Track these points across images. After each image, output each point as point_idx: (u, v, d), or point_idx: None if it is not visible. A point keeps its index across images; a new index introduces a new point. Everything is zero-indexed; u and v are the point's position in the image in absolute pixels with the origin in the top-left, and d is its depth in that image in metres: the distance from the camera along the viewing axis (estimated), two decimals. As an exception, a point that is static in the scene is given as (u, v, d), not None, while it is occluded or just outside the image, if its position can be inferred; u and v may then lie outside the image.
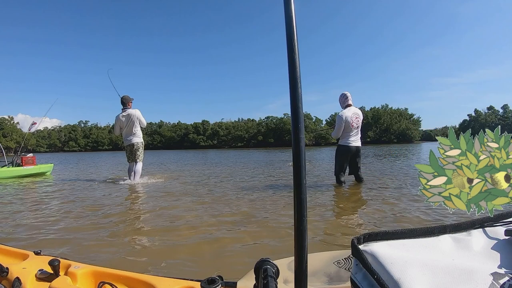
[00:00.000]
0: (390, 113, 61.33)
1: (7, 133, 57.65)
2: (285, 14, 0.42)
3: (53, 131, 69.45)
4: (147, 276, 0.71)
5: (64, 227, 2.36)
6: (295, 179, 0.41)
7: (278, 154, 17.78)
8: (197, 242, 1.91)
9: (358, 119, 4.15)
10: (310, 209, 2.71)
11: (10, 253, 0.92)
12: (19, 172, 6.92)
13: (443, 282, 0.35)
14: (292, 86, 0.42)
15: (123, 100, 5.37)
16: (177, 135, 69.03)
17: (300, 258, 0.42)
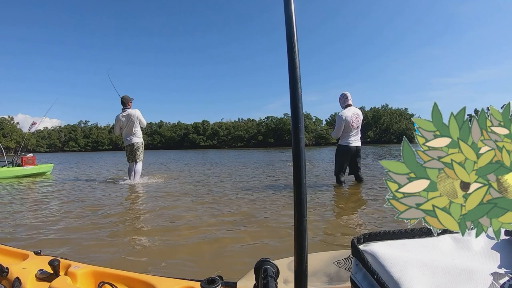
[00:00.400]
0: (390, 113, 61.36)
1: (7, 133, 57.66)
2: (285, 14, 0.42)
3: (53, 131, 69.49)
4: (147, 276, 0.71)
5: (64, 227, 2.36)
6: (295, 179, 0.41)
7: (278, 154, 17.78)
8: (197, 242, 1.91)
9: (358, 119, 4.15)
10: (310, 209, 2.71)
11: (10, 253, 0.92)
12: (19, 172, 6.91)
13: (443, 282, 0.35)
14: (292, 86, 0.42)
15: (123, 100, 5.37)
16: (177, 135, 69.05)
17: (300, 258, 0.42)
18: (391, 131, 59.48)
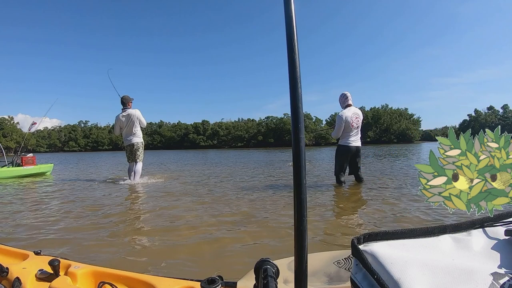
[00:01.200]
0: (390, 113, 61.35)
1: (7, 133, 57.67)
2: (285, 14, 0.42)
3: (53, 131, 69.48)
4: (147, 276, 0.71)
5: (64, 227, 2.36)
6: (295, 179, 0.41)
7: (278, 154, 17.78)
8: (197, 242, 1.91)
9: (358, 119, 4.15)
10: (310, 209, 2.71)
11: (10, 253, 0.92)
12: (19, 172, 6.92)
13: (443, 282, 0.35)
14: (292, 86, 0.42)
15: (123, 100, 5.37)
16: (177, 135, 69.06)
17: (300, 258, 0.42)
18: (391, 131, 59.48)
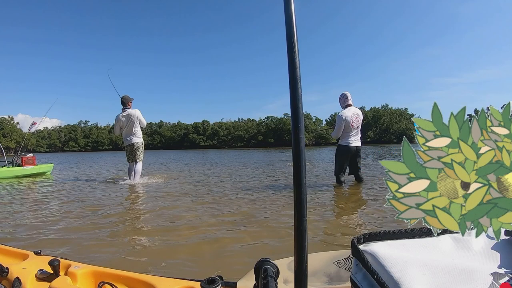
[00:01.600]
0: (390, 113, 61.37)
1: (7, 133, 57.67)
2: (285, 14, 0.42)
3: (53, 131, 69.50)
4: (147, 276, 0.71)
5: (64, 227, 2.36)
6: (295, 179, 0.41)
7: (278, 154, 17.78)
8: (197, 242, 1.91)
9: (358, 119, 4.15)
10: (310, 209, 2.71)
11: (10, 253, 0.92)
12: (19, 172, 6.91)
13: (443, 282, 0.35)
14: (292, 86, 0.42)
15: (123, 100, 5.37)
16: (177, 135, 69.06)
17: (300, 258, 0.42)
18: (391, 131, 59.49)
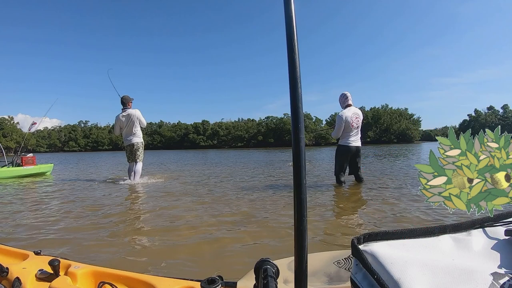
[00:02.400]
0: (390, 113, 61.35)
1: (7, 133, 57.68)
2: (285, 14, 0.42)
3: (53, 131, 69.49)
4: (147, 276, 0.71)
5: (64, 227, 2.36)
6: (295, 179, 0.41)
7: (278, 154, 17.78)
8: (197, 242, 1.91)
9: (358, 119, 4.15)
10: (310, 209, 2.71)
11: (10, 253, 0.92)
12: (19, 172, 6.92)
13: (443, 282, 0.35)
14: (292, 86, 0.42)
15: (123, 100, 5.38)
16: (177, 135, 69.07)
17: (300, 258, 0.42)
18: (391, 131, 59.48)
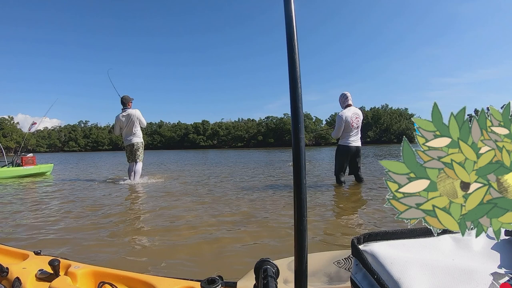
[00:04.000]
0: (390, 113, 61.38)
1: (7, 133, 57.68)
2: (285, 14, 0.42)
3: (53, 131, 69.49)
4: (147, 276, 0.71)
5: (64, 227, 2.36)
6: (295, 179, 0.41)
7: (278, 154, 17.78)
8: (197, 242, 1.91)
9: (358, 119, 4.15)
10: (310, 209, 2.71)
11: (10, 253, 0.92)
12: (19, 172, 6.91)
13: (443, 282, 0.35)
14: (292, 86, 0.42)
15: (123, 100, 5.37)
16: (177, 135, 69.07)
17: (300, 258, 0.42)
18: (391, 131, 59.50)
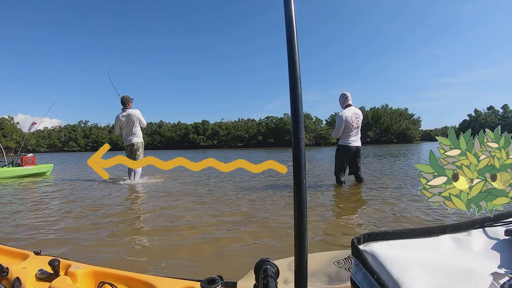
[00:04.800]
0: (390, 113, 61.37)
1: (7, 133, 57.68)
2: (285, 14, 0.42)
3: (53, 131, 69.48)
4: (147, 276, 0.71)
5: (64, 227, 2.36)
6: (295, 179, 0.41)
7: (278, 154, 17.77)
8: (197, 242, 1.91)
9: (358, 119, 4.15)
10: (310, 209, 2.71)
11: (10, 253, 0.92)
12: (19, 172, 6.91)
13: (443, 282, 0.35)
14: (292, 86, 0.42)
15: (123, 100, 5.38)
16: (177, 135, 69.07)
17: (300, 258, 0.42)
18: (391, 131, 59.48)
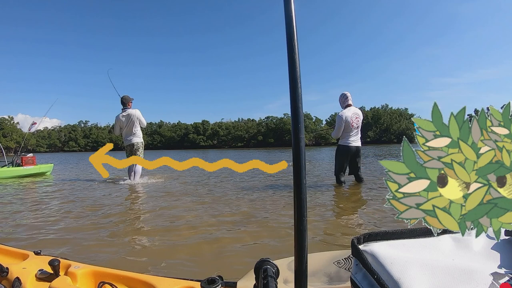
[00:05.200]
0: (390, 113, 61.40)
1: (7, 133, 57.69)
2: (285, 14, 0.42)
3: (53, 131, 69.52)
4: (147, 276, 0.71)
5: (64, 227, 2.36)
6: (295, 179, 0.41)
7: (278, 154, 17.77)
8: (197, 242, 1.91)
9: (358, 119, 4.15)
10: (310, 209, 2.71)
11: (10, 253, 0.92)
12: (19, 172, 6.91)
13: (443, 282, 0.35)
14: (292, 86, 0.42)
15: (123, 100, 5.37)
16: (177, 135, 69.07)
17: (300, 258, 0.42)
18: (391, 131, 59.51)
